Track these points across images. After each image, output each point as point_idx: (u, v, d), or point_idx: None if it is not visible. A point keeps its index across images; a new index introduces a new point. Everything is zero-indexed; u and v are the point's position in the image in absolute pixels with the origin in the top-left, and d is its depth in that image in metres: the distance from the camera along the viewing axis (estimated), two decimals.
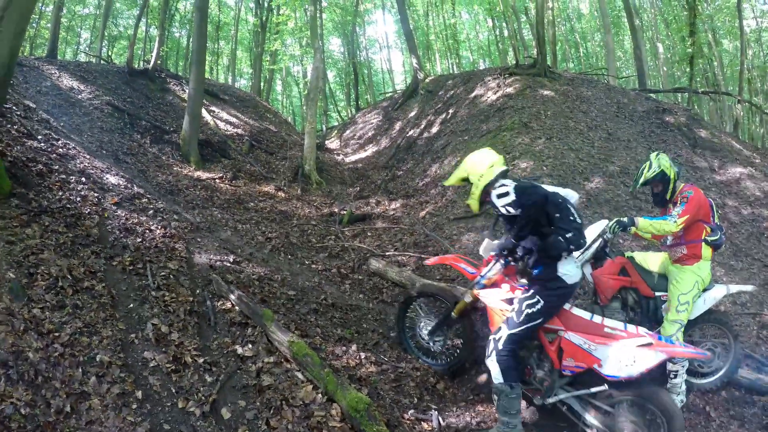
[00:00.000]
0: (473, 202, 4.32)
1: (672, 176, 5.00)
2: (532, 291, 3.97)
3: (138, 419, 3.31)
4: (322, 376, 4.07)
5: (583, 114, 12.76)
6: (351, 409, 3.79)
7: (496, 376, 3.95)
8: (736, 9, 19.80)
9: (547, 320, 4.00)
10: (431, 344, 5.17)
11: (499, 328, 4.02)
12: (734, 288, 5.19)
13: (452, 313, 4.88)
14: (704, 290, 4.95)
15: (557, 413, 4.26)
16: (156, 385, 3.63)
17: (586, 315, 4.12)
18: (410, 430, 4.14)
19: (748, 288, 5.57)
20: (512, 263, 4.38)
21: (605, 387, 3.92)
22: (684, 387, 4.64)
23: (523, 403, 4.65)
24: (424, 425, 4.27)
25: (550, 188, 4.01)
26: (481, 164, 4.25)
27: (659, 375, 4.33)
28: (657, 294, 5.00)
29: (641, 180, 5.08)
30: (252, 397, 3.87)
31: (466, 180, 4.35)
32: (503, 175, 4.22)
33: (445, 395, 4.88)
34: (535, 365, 4.25)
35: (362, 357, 4.97)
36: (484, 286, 4.50)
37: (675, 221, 4.76)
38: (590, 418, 4.03)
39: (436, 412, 4.45)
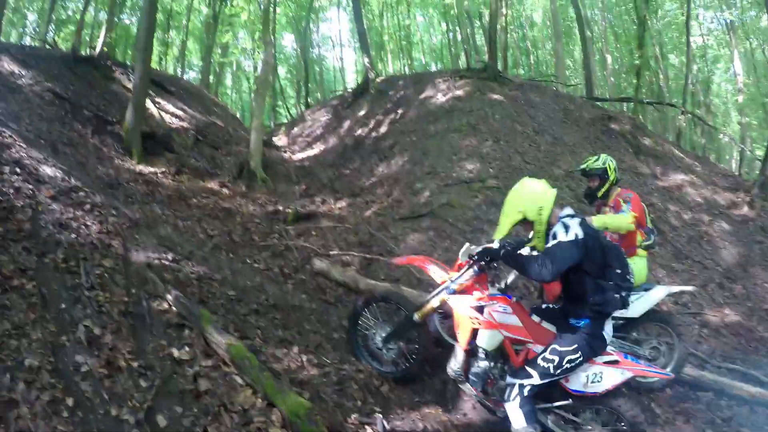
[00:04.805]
0: (541, 242, 4.01)
1: (611, 178, 5.32)
2: (575, 345, 3.75)
3: (69, 428, 3.15)
4: (261, 380, 3.97)
5: (531, 118, 13.01)
6: (292, 414, 3.70)
7: (519, 422, 3.81)
8: (684, 26, 20.54)
9: None
10: (384, 351, 5.10)
11: (528, 374, 3.84)
12: (675, 288, 5.47)
13: (414, 318, 4.79)
14: (646, 290, 5.18)
15: None
16: (88, 391, 3.46)
17: (555, 329, 4.11)
18: None
19: (689, 288, 5.88)
20: (486, 271, 4.38)
21: (569, 401, 3.95)
22: None
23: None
24: (369, 430, 4.21)
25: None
26: (534, 194, 3.96)
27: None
28: None
29: (584, 166, 5.49)
30: (189, 402, 3.74)
31: (522, 221, 3.96)
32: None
33: (390, 398, 4.84)
34: (499, 376, 4.23)
35: (304, 359, 4.88)
36: (454, 292, 4.45)
37: (627, 215, 5.03)
38: (553, 426, 4.06)
39: (381, 416, 4.40)
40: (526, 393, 3.81)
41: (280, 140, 20.34)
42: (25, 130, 7.94)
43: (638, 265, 5.20)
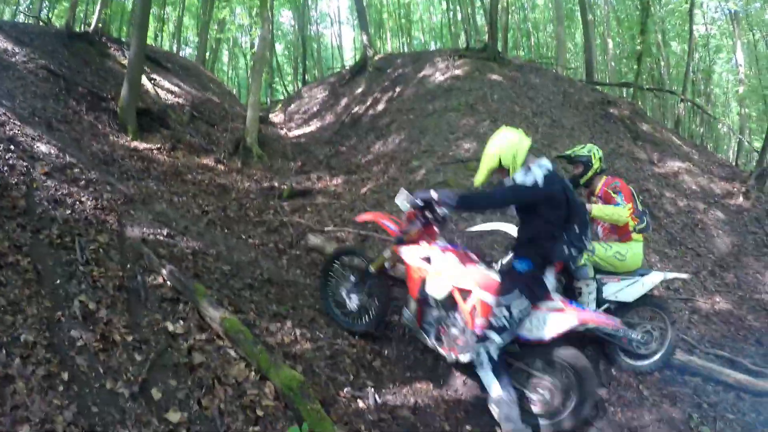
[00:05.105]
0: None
1: (594, 167, 5.39)
2: (517, 291, 3.91)
3: (65, 402, 3.17)
4: (255, 353, 4.02)
5: (530, 100, 12.96)
6: (284, 387, 3.76)
7: (495, 389, 3.90)
8: (687, 14, 20.41)
9: None
10: (348, 301, 5.22)
11: (487, 337, 3.97)
12: (670, 275, 5.50)
13: (370, 268, 4.95)
14: (642, 275, 5.21)
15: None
16: (83, 366, 3.48)
17: (499, 277, 4.23)
18: (346, 407, 4.13)
19: (683, 276, 5.93)
20: (433, 222, 4.50)
21: (516, 347, 4.11)
22: (593, 301, 5.02)
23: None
24: (360, 403, 4.27)
25: None
26: (509, 141, 4.04)
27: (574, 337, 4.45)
28: (597, 276, 5.17)
29: (569, 152, 5.55)
30: (183, 375, 3.78)
31: (498, 167, 4.08)
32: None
33: (382, 372, 4.91)
34: (450, 324, 4.36)
35: (297, 333, 4.94)
36: (403, 242, 4.61)
37: (624, 209, 5.12)
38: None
39: (373, 390, 4.46)
40: (493, 355, 3.93)
41: (276, 117, 20.26)
42: (19, 107, 7.91)
43: (634, 250, 5.24)
